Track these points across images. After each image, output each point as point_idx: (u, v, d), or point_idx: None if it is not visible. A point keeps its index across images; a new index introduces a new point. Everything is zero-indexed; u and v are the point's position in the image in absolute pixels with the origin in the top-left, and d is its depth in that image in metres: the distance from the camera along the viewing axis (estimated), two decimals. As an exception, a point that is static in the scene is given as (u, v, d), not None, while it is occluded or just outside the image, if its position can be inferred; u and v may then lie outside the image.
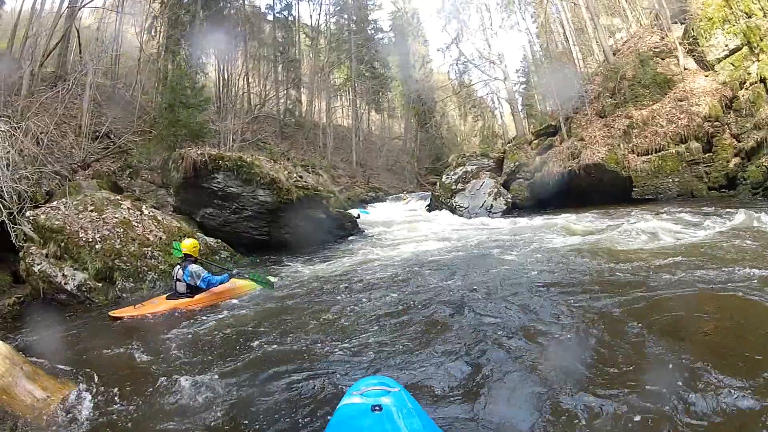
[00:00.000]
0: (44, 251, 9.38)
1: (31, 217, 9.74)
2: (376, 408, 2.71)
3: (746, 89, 18.48)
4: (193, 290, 8.46)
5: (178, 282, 8.51)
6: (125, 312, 7.77)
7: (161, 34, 34.98)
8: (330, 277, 9.99)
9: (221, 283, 8.74)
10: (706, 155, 18.53)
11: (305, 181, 15.28)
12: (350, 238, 16.72)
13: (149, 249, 10.39)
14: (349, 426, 2.82)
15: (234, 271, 9.08)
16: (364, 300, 7.60)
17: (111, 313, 7.73)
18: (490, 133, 57.50)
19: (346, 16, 54.14)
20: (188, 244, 8.97)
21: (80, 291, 9.08)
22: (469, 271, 9.20)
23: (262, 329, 6.53)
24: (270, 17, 50.03)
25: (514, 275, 8.38)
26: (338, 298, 8.00)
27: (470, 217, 21.49)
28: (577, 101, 25.05)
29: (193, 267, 8.56)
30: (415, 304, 7.02)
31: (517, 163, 24.54)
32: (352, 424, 2.80)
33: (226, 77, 37.65)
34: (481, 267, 9.41)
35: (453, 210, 23.33)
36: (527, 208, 22.14)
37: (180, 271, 8.55)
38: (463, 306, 6.62)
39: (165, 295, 8.60)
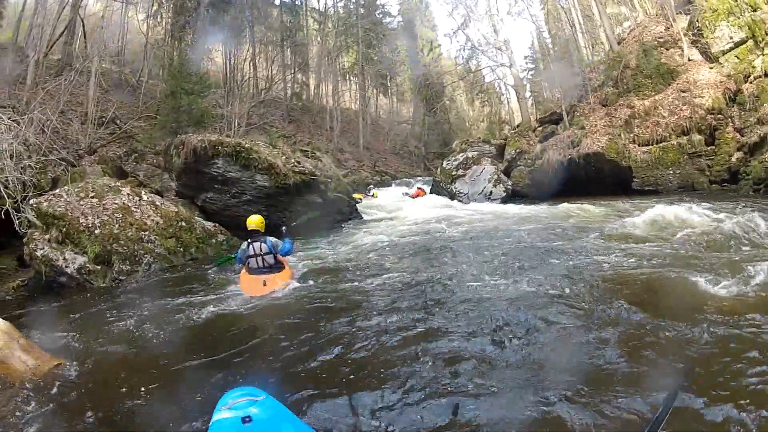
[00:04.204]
0: (47, 237, 9.82)
1: (35, 205, 10.17)
2: (246, 420, 2.82)
3: (750, 83, 18.18)
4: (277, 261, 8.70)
5: (264, 257, 8.61)
6: (260, 291, 7.84)
7: (166, 21, 35.24)
8: (328, 262, 10.27)
9: (291, 248, 9.05)
10: (709, 148, 18.31)
11: (303, 167, 15.53)
12: (348, 223, 17.00)
13: (146, 233, 10.78)
14: None
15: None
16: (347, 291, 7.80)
17: (251, 294, 7.80)
18: (497, 119, 57.40)
19: (353, 0, 54.12)
20: (256, 220, 9.19)
21: (80, 274, 9.50)
22: (447, 259, 9.48)
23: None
24: (277, 1, 50.03)
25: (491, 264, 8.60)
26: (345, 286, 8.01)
27: (469, 203, 21.59)
28: (580, 89, 25.18)
29: (272, 238, 8.81)
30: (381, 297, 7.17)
31: (518, 150, 24.61)
32: None
33: (232, 62, 37.89)
34: (464, 255, 9.61)
35: (453, 195, 23.39)
36: (527, 196, 22.07)
37: (262, 245, 8.67)
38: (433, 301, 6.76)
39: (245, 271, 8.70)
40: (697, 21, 21.08)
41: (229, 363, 5.18)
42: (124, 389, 4.65)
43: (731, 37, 19.61)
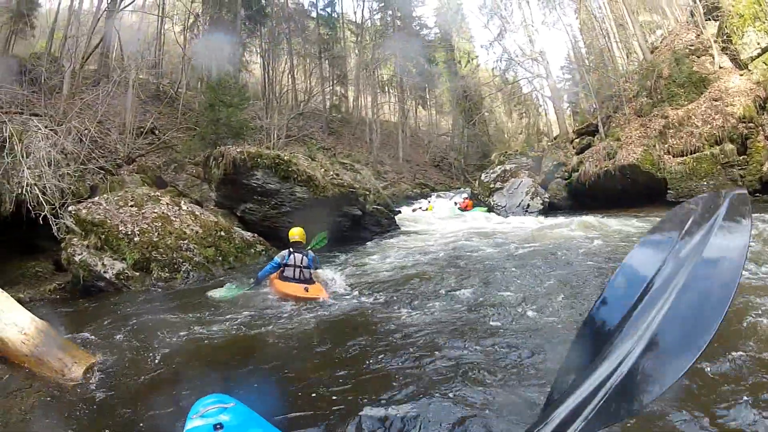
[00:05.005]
0: (85, 242, 9.87)
1: (73, 212, 10.24)
2: (218, 427, 2.84)
3: (779, 90, 17.78)
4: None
5: (303, 269, 8.49)
6: (303, 294, 7.83)
7: (203, 33, 35.48)
8: (357, 276, 10.07)
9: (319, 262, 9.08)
10: (741, 158, 18.01)
11: (341, 179, 15.47)
12: (386, 234, 16.89)
13: (185, 242, 10.79)
14: None
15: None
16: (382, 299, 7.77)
17: (293, 296, 7.86)
18: (535, 131, 56.99)
19: (390, 13, 54.10)
20: (298, 232, 9.06)
21: (118, 279, 9.54)
22: (476, 280, 8.89)
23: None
24: (314, 14, 50.28)
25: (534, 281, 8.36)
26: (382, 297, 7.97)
27: (507, 216, 21.33)
28: (615, 100, 24.87)
29: (312, 252, 8.79)
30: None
31: (555, 163, 24.57)
32: None
33: (271, 74, 38.08)
34: (495, 275, 9.11)
35: (491, 208, 23.26)
36: (564, 208, 21.92)
37: (303, 258, 8.56)
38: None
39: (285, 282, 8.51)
40: (725, 27, 20.93)
41: (235, 372, 5.23)
42: (142, 391, 4.72)
43: (758, 43, 19.49)
